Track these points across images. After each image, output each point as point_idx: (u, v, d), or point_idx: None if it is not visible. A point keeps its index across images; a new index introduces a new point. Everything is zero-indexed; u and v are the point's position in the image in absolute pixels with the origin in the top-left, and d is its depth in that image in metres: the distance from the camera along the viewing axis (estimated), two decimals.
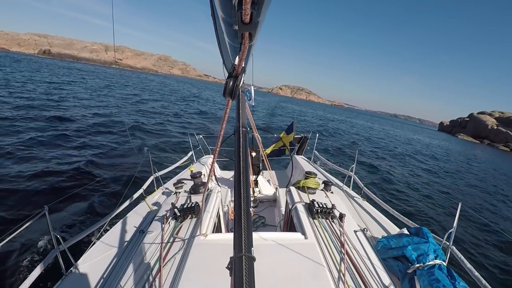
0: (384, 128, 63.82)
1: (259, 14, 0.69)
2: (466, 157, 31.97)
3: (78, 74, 52.28)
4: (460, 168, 21.77)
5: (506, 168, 29.66)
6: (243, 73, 0.95)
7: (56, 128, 11.17)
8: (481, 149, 54.59)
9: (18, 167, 6.82)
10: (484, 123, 76.85)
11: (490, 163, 31.49)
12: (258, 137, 4.46)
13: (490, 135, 72.87)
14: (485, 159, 35.44)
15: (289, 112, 50.68)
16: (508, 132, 67.60)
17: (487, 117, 78.66)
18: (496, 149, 61.28)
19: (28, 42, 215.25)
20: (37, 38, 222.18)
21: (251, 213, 3.69)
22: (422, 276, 1.82)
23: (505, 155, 49.71)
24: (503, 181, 19.60)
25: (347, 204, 3.40)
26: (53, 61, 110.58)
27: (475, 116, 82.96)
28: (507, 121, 72.67)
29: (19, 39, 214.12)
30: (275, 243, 1.81)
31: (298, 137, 6.14)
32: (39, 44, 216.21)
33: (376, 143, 27.39)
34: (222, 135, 1.21)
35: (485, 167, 25.82)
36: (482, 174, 21.07)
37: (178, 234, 1.99)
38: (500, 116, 77.06)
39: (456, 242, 2.31)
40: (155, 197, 3.44)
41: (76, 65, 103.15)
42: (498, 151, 56.59)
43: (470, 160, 29.51)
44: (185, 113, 23.45)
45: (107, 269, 2.07)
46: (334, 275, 1.63)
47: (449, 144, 49.38)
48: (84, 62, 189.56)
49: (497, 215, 10.34)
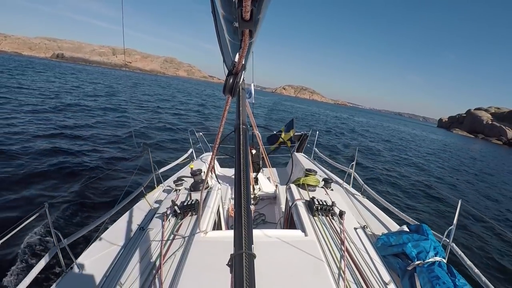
0: (383, 124, 67.31)
1: (259, 11, 0.68)
2: (456, 148, 35.60)
3: (112, 78, 59.34)
4: (454, 160, 23.16)
5: (495, 159, 32.16)
6: (243, 71, 0.94)
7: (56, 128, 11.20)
8: (474, 142, 58.55)
9: (17, 162, 6.83)
10: (480, 119, 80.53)
11: (469, 152, 34.33)
12: (258, 135, 4.45)
13: (485, 129, 76.73)
14: (462, 148, 38.96)
15: (286, 107, 54.89)
16: (502, 126, 71.48)
17: (483, 113, 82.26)
18: (490, 143, 64.95)
19: (39, 46, 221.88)
20: (47, 42, 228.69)
21: (251, 211, 3.70)
22: (422, 273, 1.82)
23: (496, 147, 53.07)
24: (489, 169, 21.30)
25: (347, 201, 3.41)
26: (76, 66, 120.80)
27: (472, 112, 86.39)
28: (501, 116, 76.54)
29: (30, 43, 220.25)
30: (275, 240, 1.82)
31: (298, 135, 6.13)
32: (49, 48, 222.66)
33: (361, 134, 29.79)
34: (221, 132, 1.20)
35: (463, 156, 28.07)
36: (472, 164, 22.69)
37: (178, 231, 1.99)
38: (496, 111, 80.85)
39: (456, 239, 2.32)
40: (155, 194, 3.44)
41: (98, 69, 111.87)
42: (491, 144, 59.98)
43: (457, 150, 33.23)
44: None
45: (107, 266, 2.08)
46: (334, 272, 1.63)
47: (444, 138, 52.52)
48: (96, 65, 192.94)
49: (496, 210, 10.37)
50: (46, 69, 56.09)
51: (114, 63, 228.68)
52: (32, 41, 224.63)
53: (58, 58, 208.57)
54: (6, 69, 38.49)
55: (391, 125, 70.78)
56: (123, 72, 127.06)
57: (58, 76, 41.11)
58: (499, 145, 62.87)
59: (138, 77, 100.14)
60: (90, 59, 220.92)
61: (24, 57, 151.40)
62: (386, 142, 26.39)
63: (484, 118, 79.80)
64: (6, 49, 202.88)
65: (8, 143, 8.15)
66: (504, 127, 70.80)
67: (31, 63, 76.15)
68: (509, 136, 68.37)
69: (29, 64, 67.80)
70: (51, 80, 33.17)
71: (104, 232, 2.53)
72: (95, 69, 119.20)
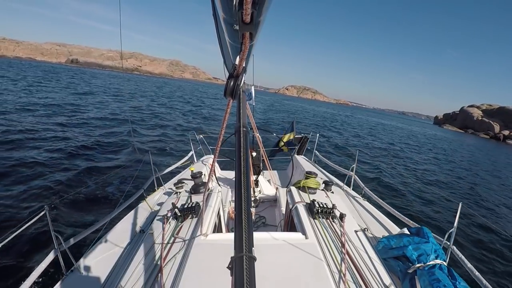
0: (383, 122, 71.94)
1: (260, 14, 0.68)
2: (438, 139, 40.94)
3: (140, 82, 64.51)
4: (434, 151, 25.78)
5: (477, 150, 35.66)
6: (243, 73, 0.95)
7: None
8: (461, 135, 64.61)
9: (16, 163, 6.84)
10: (471, 115, 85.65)
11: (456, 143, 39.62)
12: (259, 137, 4.45)
13: (475, 125, 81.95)
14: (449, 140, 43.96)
15: (284, 105, 58.44)
16: (490, 122, 76.58)
17: (475, 110, 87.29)
18: (477, 137, 70.53)
19: (50, 51, 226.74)
20: (58, 47, 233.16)
21: (252, 213, 3.69)
22: (422, 276, 1.82)
23: (481, 141, 58.33)
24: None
25: (347, 204, 3.40)
26: (100, 71, 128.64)
27: (465, 109, 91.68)
28: (491, 112, 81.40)
29: (42, 49, 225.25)
30: (275, 243, 1.81)
31: (298, 137, 6.14)
32: (60, 53, 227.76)
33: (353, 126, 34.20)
34: (222, 135, 1.21)
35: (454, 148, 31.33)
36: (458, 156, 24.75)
37: (178, 234, 1.99)
38: (487, 108, 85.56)
39: (457, 242, 2.32)
40: (155, 197, 3.44)
41: (115, 74, 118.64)
42: (478, 138, 65.79)
43: (442, 141, 38.66)
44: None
45: (107, 269, 2.07)
46: (335, 275, 1.63)
47: (435, 133, 57.08)
48: (109, 70, 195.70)
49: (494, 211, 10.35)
50: (75, 74, 59.45)
51: (125, 67, 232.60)
52: (43, 46, 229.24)
53: (72, 63, 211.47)
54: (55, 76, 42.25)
55: (383, 121, 77.53)
56: (146, 77, 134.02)
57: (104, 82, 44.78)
58: (486, 139, 68.29)
59: (159, 81, 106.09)
60: (103, 64, 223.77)
61: (39, 62, 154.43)
62: (369, 136, 28.44)
63: (475, 114, 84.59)
64: (20, 55, 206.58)
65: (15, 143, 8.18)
66: (493, 122, 75.57)
67: (54, 68, 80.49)
68: (496, 130, 73.15)
69: (53, 70, 70.87)
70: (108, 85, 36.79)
71: (105, 235, 2.52)
72: (112, 73, 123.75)
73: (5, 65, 62.91)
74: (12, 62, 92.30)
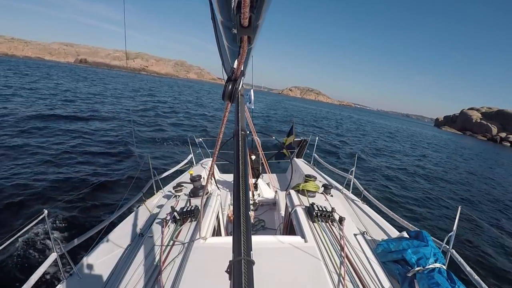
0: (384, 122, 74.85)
1: (258, 17, 0.69)
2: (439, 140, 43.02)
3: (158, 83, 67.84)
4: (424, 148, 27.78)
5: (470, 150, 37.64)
6: (242, 77, 0.96)
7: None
8: (460, 138, 66.74)
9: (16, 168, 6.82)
10: (470, 117, 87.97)
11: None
12: (258, 140, 4.46)
13: (474, 127, 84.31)
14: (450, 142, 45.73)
15: (285, 106, 59.59)
16: (488, 124, 78.69)
17: (474, 112, 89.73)
18: (475, 139, 72.80)
19: (58, 51, 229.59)
20: (65, 47, 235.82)
21: (251, 217, 3.68)
22: (422, 279, 1.82)
23: (478, 142, 60.82)
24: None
25: (346, 208, 3.39)
26: (111, 71, 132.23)
27: (465, 111, 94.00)
28: (490, 115, 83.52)
29: (49, 49, 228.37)
30: (274, 246, 1.81)
31: (298, 140, 6.13)
32: (68, 53, 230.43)
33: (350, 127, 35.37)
34: (221, 138, 1.22)
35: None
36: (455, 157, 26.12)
37: (177, 237, 1.98)
38: (486, 111, 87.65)
39: (456, 246, 2.32)
40: (154, 200, 3.44)
41: (125, 74, 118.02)
42: (475, 140, 68.10)
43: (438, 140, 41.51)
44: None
45: (106, 273, 2.06)
46: (334, 278, 1.63)
47: (434, 134, 59.86)
48: (117, 69, 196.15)
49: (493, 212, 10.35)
50: (99, 76, 61.65)
51: (132, 67, 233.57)
52: (51, 46, 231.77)
53: (81, 63, 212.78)
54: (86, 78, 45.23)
55: (387, 122, 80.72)
56: (157, 77, 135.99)
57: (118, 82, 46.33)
58: (483, 140, 70.76)
59: (169, 81, 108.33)
60: (111, 64, 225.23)
61: (49, 62, 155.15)
62: (363, 136, 29.30)
63: (474, 117, 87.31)
64: (30, 55, 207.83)
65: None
66: (491, 125, 77.45)
67: (72, 69, 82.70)
68: (493, 133, 74.82)
69: (71, 70, 72.88)
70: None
71: (104, 238, 2.52)
72: (121, 73, 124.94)
73: (22, 65, 64.49)
74: (28, 62, 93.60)
